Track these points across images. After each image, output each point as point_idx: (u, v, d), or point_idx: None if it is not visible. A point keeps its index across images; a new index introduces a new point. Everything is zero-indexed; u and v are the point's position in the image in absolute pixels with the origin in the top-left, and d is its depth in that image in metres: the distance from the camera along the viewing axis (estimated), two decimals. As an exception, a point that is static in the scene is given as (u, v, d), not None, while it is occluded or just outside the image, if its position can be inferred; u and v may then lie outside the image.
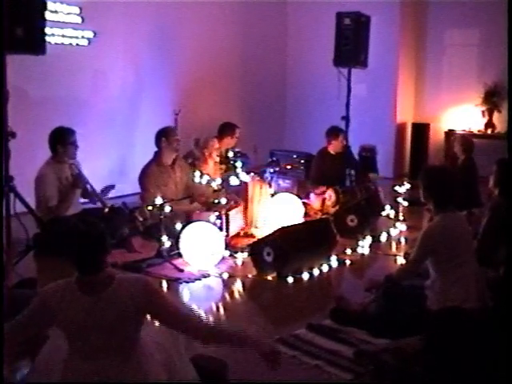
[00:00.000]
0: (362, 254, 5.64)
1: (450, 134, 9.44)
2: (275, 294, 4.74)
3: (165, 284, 4.75)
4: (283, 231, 5.06)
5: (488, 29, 9.16)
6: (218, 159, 6.52)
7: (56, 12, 6.98)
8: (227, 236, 5.52)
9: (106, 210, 5.50)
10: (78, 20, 7.26)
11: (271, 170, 6.53)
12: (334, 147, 7.13)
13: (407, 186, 6.61)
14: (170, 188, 5.88)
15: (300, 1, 10.28)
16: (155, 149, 6.09)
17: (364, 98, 9.25)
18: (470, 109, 9.45)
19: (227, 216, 5.59)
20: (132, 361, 2.54)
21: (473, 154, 6.74)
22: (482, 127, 9.35)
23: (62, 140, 5.42)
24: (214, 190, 5.77)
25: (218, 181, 5.85)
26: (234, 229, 5.74)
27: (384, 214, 6.65)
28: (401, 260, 5.45)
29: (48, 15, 5.41)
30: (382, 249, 5.87)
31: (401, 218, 6.54)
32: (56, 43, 6.93)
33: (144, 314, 2.58)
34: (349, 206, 6.49)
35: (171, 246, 5.19)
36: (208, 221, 5.33)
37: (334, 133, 7.15)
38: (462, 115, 9.56)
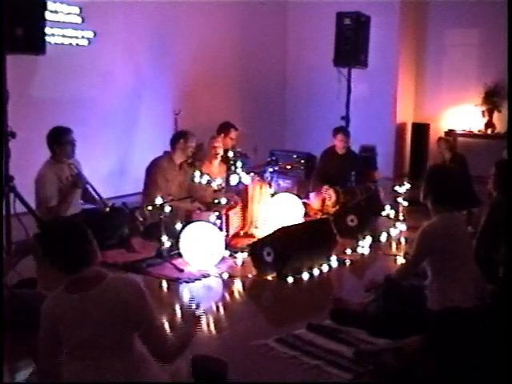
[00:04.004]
0: (362, 254, 5.64)
1: (450, 134, 9.45)
2: (275, 294, 4.74)
3: (165, 284, 4.75)
4: (283, 231, 5.06)
5: (488, 29, 9.16)
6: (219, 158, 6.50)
7: (56, 12, 6.98)
8: (227, 236, 5.53)
9: (107, 209, 5.51)
10: (78, 20, 7.26)
11: (271, 169, 6.53)
12: (338, 146, 7.16)
13: (407, 185, 6.62)
14: (175, 185, 5.90)
15: (300, 1, 10.28)
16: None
17: (364, 98, 9.25)
18: (470, 109, 9.46)
19: (227, 216, 5.59)
20: (128, 362, 2.51)
21: (464, 153, 6.80)
22: (482, 127, 9.36)
23: (58, 140, 5.41)
24: (214, 190, 5.77)
25: (218, 181, 5.85)
26: (233, 229, 5.74)
27: (384, 214, 6.65)
28: (401, 260, 5.45)
29: (48, 15, 5.41)
30: (382, 249, 5.87)
31: (401, 217, 6.54)
32: (56, 43, 6.92)
33: (133, 317, 2.52)
34: (349, 206, 6.50)
35: (171, 246, 5.19)
36: (208, 221, 5.33)
37: (333, 132, 7.19)
38: (462, 115, 9.57)
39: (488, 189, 4.64)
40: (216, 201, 5.64)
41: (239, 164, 6.18)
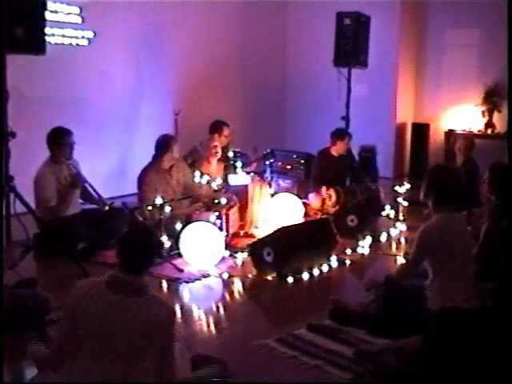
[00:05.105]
0: (362, 254, 5.64)
1: (450, 133, 9.45)
2: (275, 294, 4.74)
3: (165, 284, 4.75)
4: (283, 231, 5.06)
5: (488, 29, 9.16)
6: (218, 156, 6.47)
7: (56, 12, 6.97)
8: (227, 236, 5.52)
9: (106, 208, 5.51)
10: (78, 20, 7.25)
11: (267, 162, 6.52)
12: (337, 149, 7.10)
13: (407, 185, 6.61)
14: (168, 193, 5.77)
15: (300, 1, 10.28)
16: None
17: (364, 98, 9.25)
18: (470, 109, 9.45)
19: (227, 216, 5.59)
20: (139, 371, 2.54)
21: (472, 155, 6.74)
22: (482, 127, 9.35)
23: (58, 141, 5.42)
24: (215, 190, 5.76)
25: (218, 181, 5.83)
26: (232, 229, 5.75)
27: (384, 214, 6.65)
28: (401, 260, 5.45)
29: (48, 15, 5.42)
30: (382, 249, 5.87)
31: (401, 217, 6.54)
32: (56, 43, 6.91)
33: (156, 337, 2.56)
34: (349, 206, 6.50)
35: (171, 246, 5.19)
36: (208, 221, 5.33)
37: (340, 134, 7.13)
38: (462, 115, 9.56)
39: (485, 192, 4.60)
40: (216, 201, 5.63)
41: (239, 164, 6.18)
